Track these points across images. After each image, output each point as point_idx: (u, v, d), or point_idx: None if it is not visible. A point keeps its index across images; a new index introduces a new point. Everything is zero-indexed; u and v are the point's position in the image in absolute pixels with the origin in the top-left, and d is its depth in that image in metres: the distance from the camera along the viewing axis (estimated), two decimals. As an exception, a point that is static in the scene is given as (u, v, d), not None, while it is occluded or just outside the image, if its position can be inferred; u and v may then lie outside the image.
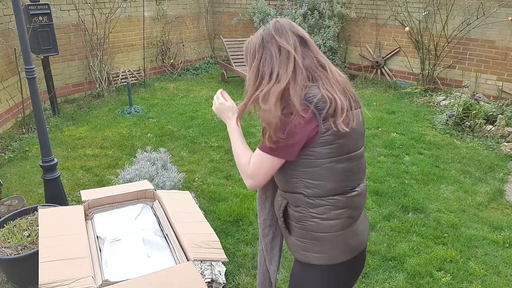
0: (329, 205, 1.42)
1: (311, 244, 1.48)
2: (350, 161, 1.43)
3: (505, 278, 2.69)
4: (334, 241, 1.46)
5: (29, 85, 2.74)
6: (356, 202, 1.49)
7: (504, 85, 5.94)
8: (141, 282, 1.60)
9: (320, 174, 1.39)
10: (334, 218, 1.44)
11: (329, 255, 1.48)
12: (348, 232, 1.49)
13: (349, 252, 1.50)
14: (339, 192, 1.43)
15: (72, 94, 6.13)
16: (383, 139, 4.84)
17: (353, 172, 1.45)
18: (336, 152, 1.38)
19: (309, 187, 1.41)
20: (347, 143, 1.40)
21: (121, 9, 6.30)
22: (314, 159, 1.37)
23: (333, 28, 7.31)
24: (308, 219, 1.45)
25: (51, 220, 1.98)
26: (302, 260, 1.53)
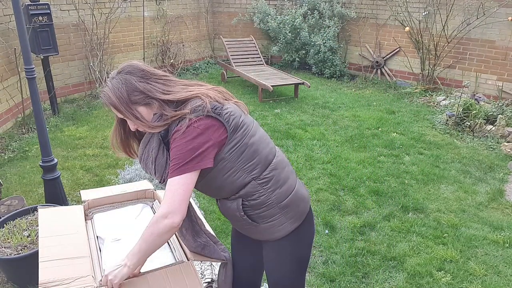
0: (275, 171, 1.54)
1: (282, 215, 1.57)
2: (258, 130, 1.56)
3: (505, 278, 2.69)
4: (295, 199, 1.59)
5: (29, 85, 2.74)
6: (285, 158, 1.65)
7: (504, 85, 5.95)
8: (140, 281, 1.60)
9: (251, 152, 1.49)
10: (286, 179, 1.58)
11: (298, 213, 1.61)
12: (299, 185, 1.65)
13: (306, 202, 1.66)
14: (272, 155, 1.57)
15: (72, 94, 6.13)
16: (383, 139, 4.84)
17: (266, 137, 1.60)
18: (247, 128, 1.49)
19: (253, 169, 1.50)
20: (246, 118, 1.53)
21: (121, 9, 6.29)
22: (238, 146, 1.46)
23: (333, 28, 7.31)
24: (270, 196, 1.53)
25: (51, 220, 1.98)
26: (278, 237, 1.60)
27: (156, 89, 1.46)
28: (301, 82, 6.25)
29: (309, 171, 4.05)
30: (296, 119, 5.47)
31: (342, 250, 2.91)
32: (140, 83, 1.45)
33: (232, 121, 1.44)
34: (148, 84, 1.46)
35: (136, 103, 1.45)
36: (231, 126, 1.44)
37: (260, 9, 7.86)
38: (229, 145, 1.44)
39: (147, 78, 1.47)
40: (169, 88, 1.48)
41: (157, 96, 1.45)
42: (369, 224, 3.22)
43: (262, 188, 1.52)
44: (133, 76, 1.46)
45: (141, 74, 1.47)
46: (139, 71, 1.47)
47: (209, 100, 1.43)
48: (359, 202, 3.54)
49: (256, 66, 7.20)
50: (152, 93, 1.45)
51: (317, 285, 2.59)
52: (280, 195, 1.55)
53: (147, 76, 1.47)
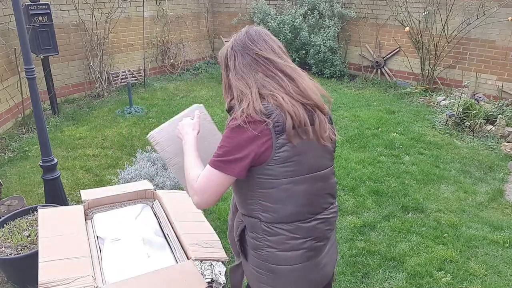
0: (288, 233, 1.29)
1: (266, 276, 1.34)
2: (313, 182, 1.29)
3: (505, 278, 2.68)
4: (290, 275, 1.32)
5: (29, 85, 2.74)
6: (320, 231, 1.34)
7: (504, 85, 5.94)
8: (141, 280, 1.60)
9: (277, 196, 1.26)
10: (292, 250, 1.31)
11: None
12: (309, 266, 1.34)
13: (307, 286, 1.36)
14: (300, 218, 1.29)
15: (72, 94, 6.13)
16: (383, 139, 4.84)
17: (316, 195, 1.31)
18: (295, 171, 1.25)
19: (266, 210, 1.29)
20: (308, 161, 1.27)
21: (121, 9, 6.30)
22: (270, 179, 1.25)
23: (333, 28, 7.31)
24: (264, 248, 1.32)
25: (51, 220, 1.98)
26: (252, 285, 1.42)
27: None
28: (301, 82, 6.24)
29: (309, 171, 4.05)
30: (296, 119, 5.46)
31: (342, 250, 2.91)
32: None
33: (283, 151, 1.23)
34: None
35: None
36: (278, 155, 1.23)
37: (260, 9, 7.85)
38: (263, 170, 1.25)
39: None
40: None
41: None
42: (369, 224, 3.22)
43: (262, 235, 1.32)
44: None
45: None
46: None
47: (279, 112, 1.23)
48: (359, 202, 3.54)
49: (256, 66, 7.18)
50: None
51: (317, 285, 2.59)
52: (275, 256, 1.32)
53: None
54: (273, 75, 1.29)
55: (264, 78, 1.28)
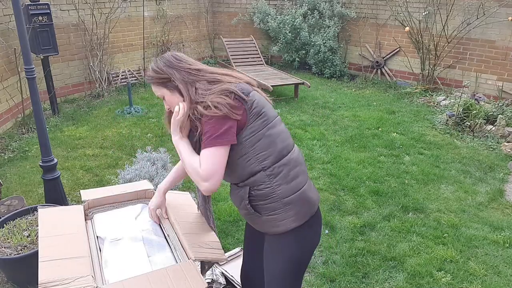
0: (286, 167, 1.58)
1: (284, 211, 1.59)
2: (278, 124, 1.62)
3: (505, 278, 2.68)
4: (300, 199, 1.61)
5: (29, 85, 2.73)
6: (300, 157, 1.68)
7: (504, 85, 5.95)
8: (141, 280, 1.60)
9: (266, 143, 1.55)
10: (294, 178, 1.60)
11: (300, 214, 1.62)
12: (308, 187, 1.67)
13: (312, 205, 1.67)
14: (287, 151, 1.61)
15: (72, 94, 6.13)
16: (383, 139, 4.84)
17: (286, 132, 1.65)
18: (267, 119, 1.56)
19: (264, 159, 1.55)
20: (269, 110, 1.60)
21: (121, 9, 6.30)
22: (255, 134, 1.53)
23: (333, 28, 7.31)
24: (275, 189, 1.57)
25: (50, 219, 1.98)
26: (278, 231, 1.64)
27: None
28: (301, 82, 6.25)
29: (309, 171, 4.05)
30: (296, 119, 5.47)
31: (342, 250, 2.91)
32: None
33: (254, 108, 1.53)
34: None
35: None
36: (252, 113, 1.53)
37: (260, 9, 7.85)
38: (247, 131, 1.52)
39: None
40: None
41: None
42: (369, 224, 3.22)
43: (269, 180, 1.56)
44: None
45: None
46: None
47: (237, 83, 1.56)
48: (359, 202, 3.54)
49: (256, 66, 7.20)
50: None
51: (317, 285, 2.59)
52: (285, 190, 1.58)
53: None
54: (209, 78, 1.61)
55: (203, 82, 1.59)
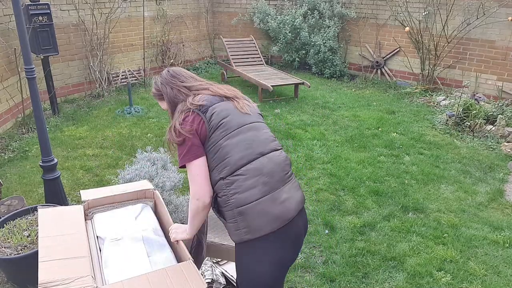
0: (242, 176, 1.60)
1: (239, 221, 1.61)
2: (243, 133, 1.66)
3: (505, 278, 2.68)
4: (254, 211, 1.58)
5: (29, 85, 2.73)
6: (268, 168, 1.64)
7: (504, 85, 5.95)
8: (141, 280, 1.60)
9: (223, 153, 1.62)
10: (250, 188, 1.60)
11: (254, 227, 1.59)
12: (268, 199, 1.60)
13: (272, 221, 1.59)
14: (246, 161, 1.62)
15: (72, 94, 6.12)
16: (383, 139, 4.84)
17: (253, 140, 1.67)
18: (226, 130, 1.64)
19: (222, 169, 1.62)
20: (233, 120, 1.67)
21: (121, 9, 6.29)
22: (214, 145, 1.63)
23: (333, 28, 7.31)
24: (230, 198, 1.61)
25: (50, 219, 1.98)
26: (236, 240, 1.65)
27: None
28: (301, 82, 6.25)
29: (309, 171, 4.05)
30: (296, 119, 5.47)
31: (342, 250, 2.91)
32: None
33: (212, 120, 1.65)
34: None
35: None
36: (211, 125, 1.65)
37: (260, 9, 7.85)
38: (209, 142, 1.65)
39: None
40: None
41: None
42: (369, 224, 3.22)
43: (226, 188, 1.62)
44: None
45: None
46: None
47: (200, 97, 1.72)
48: (359, 202, 3.54)
49: (256, 66, 7.20)
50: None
51: (317, 285, 2.59)
52: (238, 200, 1.60)
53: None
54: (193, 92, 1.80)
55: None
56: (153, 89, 1.89)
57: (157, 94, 1.87)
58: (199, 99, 1.71)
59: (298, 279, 2.63)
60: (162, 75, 1.84)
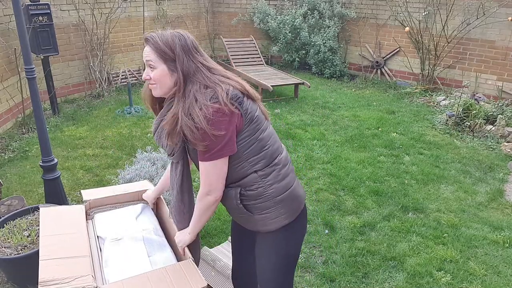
0: (277, 167, 1.61)
1: (276, 210, 1.62)
2: (269, 126, 1.65)
3: (505, 278, 2.69)
4: (291, 197, 1.65)
5: (29, 85, 2.74)
6: (288, 156, 1.73)
7: (504, 85, 5.95)
8: (141, 280, 1.60)
9: (260, 146, 1.56)
10: (285, 177, 1.63)
11: (291, 211, 1.66)
12: (297, 184, 1.71)
13: (301, 201, 1.72)
14: (278, 153, 1.64)
15: (72, 94, 6.13)
16: (383, 139, 4.84)
17: (274, 133, 1.68)
18: (259, 123, 1.57)
19: (257, 162, 1.57)
20: (260, 113, 1.59)
21: (121, 9, 6.30)
22: (249, 138, 1.53)
23: (333, 28, 7.31)
24: (267, 189, 1.59)
25: (52, 219, 1.99)
26: (270, 229, 1.66)
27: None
28: (301, 82, 6.25)
29: (309, 171, 4.05)
30: (296, 119, 5.47)
31: (342, 250, 2.91)
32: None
33: (249, 113, 1.51)
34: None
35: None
36: (248, 118, 1.51)
37: (260, 9, 7.86)
38: (242, 135, 1.51)
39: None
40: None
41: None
42: (369, 224, 3.22)
43: (262, 181, 1.58)
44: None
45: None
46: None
47: (232, 89, 1.48)
48: (359, 202, 3.54)
49: (256, 66, 7.20)
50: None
51: (317, 285, 2.59)
52: (277, 189, 1.61)
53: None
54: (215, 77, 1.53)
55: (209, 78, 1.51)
56: (159, 41, 1.47)
57: (161, 53, 1.47)
58: (230, 86, 1.50)
59: (298, 279, 2.63)
60: (180, 37, 1.49)
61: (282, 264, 1.75)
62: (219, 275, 2.46)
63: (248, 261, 1.94)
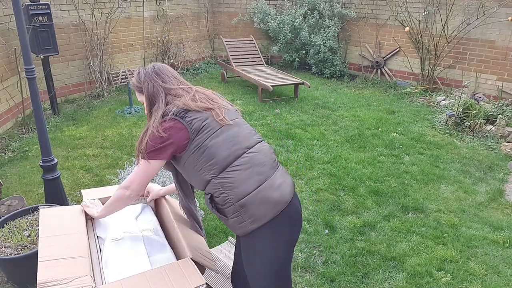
0: (234, 171, 1.64)
1: (242, 213, 1.63)
2: (227, 130, 1.69)
3: (505, 278, 2.69)
4: (255, 200, 1.63)
5: (29, 85, 2.74)
6: (257, 159, 1.70)
7: (504, 85, 5.95)
8: (139, 279, 1.60)
9: (210, 153, 1.64)
10: (246, 179, 1.64)
11: (258, 215, 1.63)
12: (265, 187, 1.65)
13: (274, 206, 1.65)
14: (235, 157, 1.66)
15: (72, 94, 6.13)
16: (383, 139, 4.84)
17: (237, 137, 1.70)
18: (210, 130, 1.66)
19: (211, 168, 1.64)
20: (214, 120, 1.68)
21: (121, 9, 6.30)
22: (199, 146, 1.64)
23: (333, 28, 7.31)
24: (228, 194, 1.63)
25: (51, 219, 1.98)
26: (243, 233, 1.69)
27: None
28: (301, 82, 6.25)
29: (309, 171, 4.05)
30: (296, 119, 5.47)
31: (342, 250, 2.91)
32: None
33: (194, 124, 1.65)
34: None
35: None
36: (193, 128, 1.64)
37: (260, 9, 7.86)
38: (192, 145, 1.65)
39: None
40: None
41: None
42: (369, 224, 3.22)
43: (222, 187, 1.64)
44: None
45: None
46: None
47: (177, 106, 1.70)
48: (359, 202, 3.54)
49: (256, 66, 7.20)
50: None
51: (317, 285, 2.59)
52: (236, 194, 1.63)
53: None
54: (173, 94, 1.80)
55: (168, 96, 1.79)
56: (133, 80, 1.84)
57: (137, 87, 1.83)
58: (175, 106, 1.71)
59: (298, 279, 2.63)
60: (147, 69, 1.82)
61: (264, 269, 1.72)
62: (219, 275, 2.46)
63: (242, 268, 1.93)
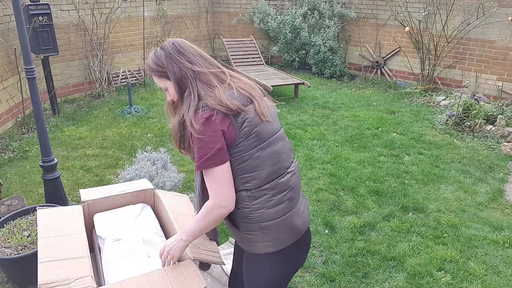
0: (270, 192, 1.50)
1: (260, 235, 1.54)
2: (274, 144, 1.52)
3: (505, 278, 2.69)
4: (280, 226, 1.53)
5: (29, 85, 2.74)
6: (293, 182, 1.57)
7: (504, 85, 5.95)
8: (140, 280, 1.60)
9: (253, 165, 1.47)
10: (278, 204, 1.52)
11: (278, 240, 1.55)
12: (292, 215, 1.57)
13: (295, 233, 1.58)
14: (276, 176, 1.52)
15: (72, 94, 6.12)
16: (383, 139, 4.84)
17: (282, 153, 1.55)
18: (259, 140, 1.47)
19: (248, 181, 1.48)
20: (265, 129, 1.49)
21: (121, 9, 6.29)
22: (244, 154, 1.45)
23: (333, 28, 7.31)
24: (253, 212, 1.51)
25: (50, 220, 1.98)
26: (253, 251, 1.60)
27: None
28: (301, 82, 6.25)
29: (309, 171, 4.05)
30: (296, 119, 5.47)
31: (342, 250, 2.91)
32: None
33: (244, 127, 1.44)
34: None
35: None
36: (242, 132, 1.44)
37: (260, 9, 7.85)
38: (235, 149, 1.45)
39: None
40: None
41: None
42: (369, 224, 3.22)
43: (249, 202, 1.50)
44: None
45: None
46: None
47: (212, 105, 1.44)
48: (359, 202, 3.54)
49: (256, 66, 7.20)
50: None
51: (317, 285, 2.59)
52: (263, 215, 1.51)
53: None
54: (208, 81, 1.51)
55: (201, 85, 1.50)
56: (150, 62, 1.55)
57: (158, 71, 1.53)
58: (227, 97, 1.45)
59: (298, 279, 2.63)
60: (165, 48, 1.53)
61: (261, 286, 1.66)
62: (215, 282, 2.44)
63: (241, 270, 1.88)
